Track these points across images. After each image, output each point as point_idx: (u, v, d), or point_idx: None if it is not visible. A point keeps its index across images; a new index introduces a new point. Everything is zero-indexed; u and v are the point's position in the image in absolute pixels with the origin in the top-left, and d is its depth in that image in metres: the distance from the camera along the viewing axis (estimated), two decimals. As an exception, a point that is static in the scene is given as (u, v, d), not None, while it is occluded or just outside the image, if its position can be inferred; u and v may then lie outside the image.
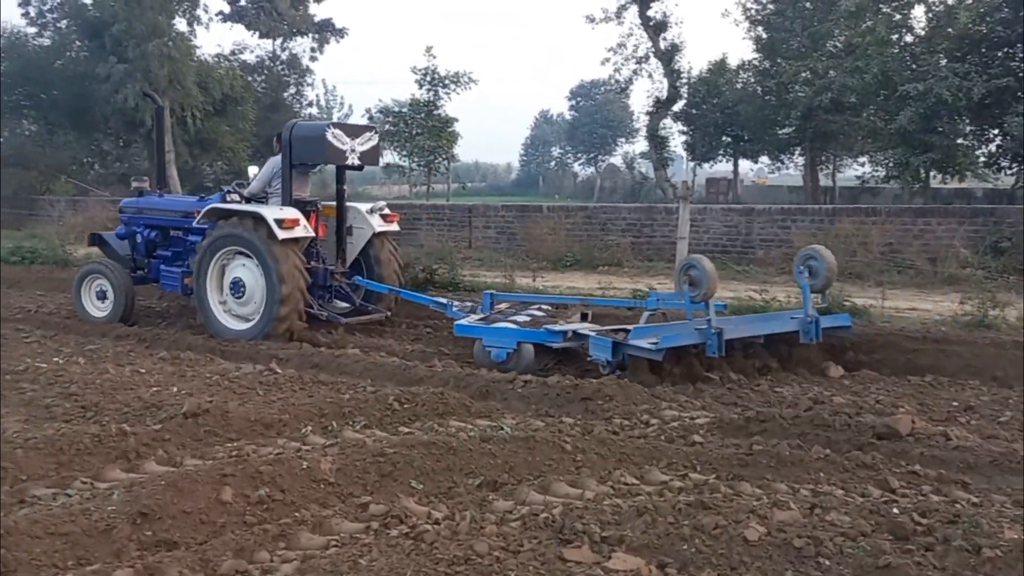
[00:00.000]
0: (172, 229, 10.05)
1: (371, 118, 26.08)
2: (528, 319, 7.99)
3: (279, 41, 32.84)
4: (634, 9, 27.22)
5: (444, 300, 9.22)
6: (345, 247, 9.55)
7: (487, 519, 3.98)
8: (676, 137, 32.71)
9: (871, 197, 28.42)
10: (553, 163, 74.05)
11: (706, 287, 6.92)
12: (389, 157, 29.95)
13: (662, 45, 27.44)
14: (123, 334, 8.98)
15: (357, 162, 9.26)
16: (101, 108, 24.64)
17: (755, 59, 29.40)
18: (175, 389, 6.56)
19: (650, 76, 28.94)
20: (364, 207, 9.66)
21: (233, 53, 30.78)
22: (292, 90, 33.06)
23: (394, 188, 58.28)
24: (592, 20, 27.85)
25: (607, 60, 29.05)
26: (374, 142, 9.45)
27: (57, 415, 5.95)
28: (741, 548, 3.58)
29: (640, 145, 55.58)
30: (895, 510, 4.03)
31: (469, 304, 9.05)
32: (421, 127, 23.69)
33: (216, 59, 27.90)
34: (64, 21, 26.84)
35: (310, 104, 34.81)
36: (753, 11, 28.13)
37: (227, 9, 33.42)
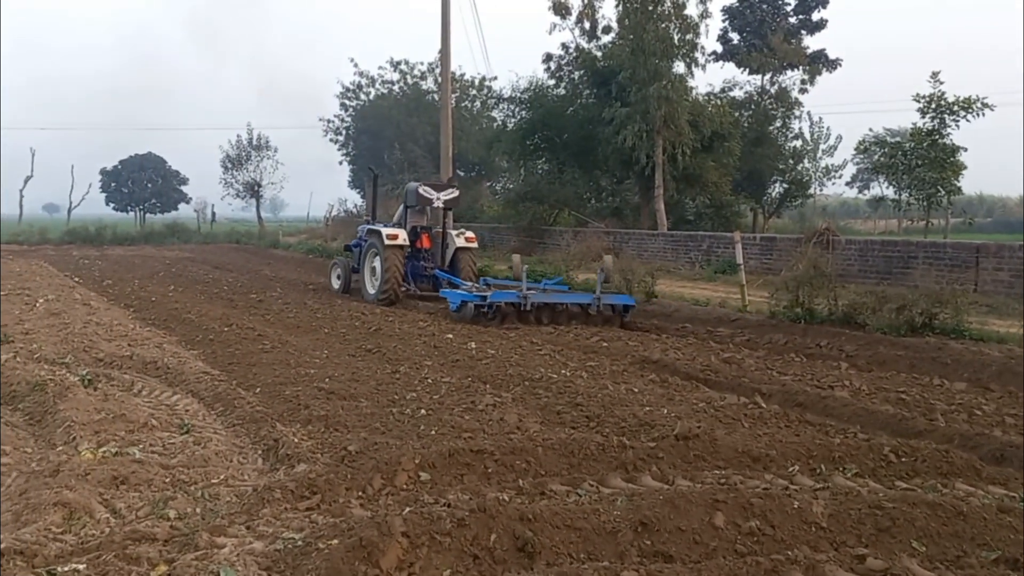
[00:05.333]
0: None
1: (866, 149, 24.74)
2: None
3: (768, 76, 32.97)
4: None
5: (461, 281, 14.38)
6: (444, 255, 15.51)
7: (1010, 602, 3.50)
8: None
9: None
10: (1087, 195, 62.22)
11: (515, 274, 13.83)
12: (877, 189, 27.97)
13: None
14: (618, 355, 9.81)
15: (442, 206, 15.62)
16: (602, 148, 27.24)
17: None
18: (665, 411, 6.95)
19: None
20: (455, 232, 15.48)
21: (723, 90, 31.67)
22: (778, 123, 32.85)
23: (880, 223, 54.39)
24: None
25: None
26: (455, 194, 15.77)
27: (566, 421, 6.74)
28: None
29: None
30: None
31: (475, 285, 13.94)
32: (922, 158, 21.73)
33: (707, 97, 28.95)
34: (578, 73, 30.35)
35: (796, 137, 34.19)
36: None
37: (719, 49, 34.65)
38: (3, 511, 4.68)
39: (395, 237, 14.62)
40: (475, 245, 15.60)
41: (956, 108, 21.44)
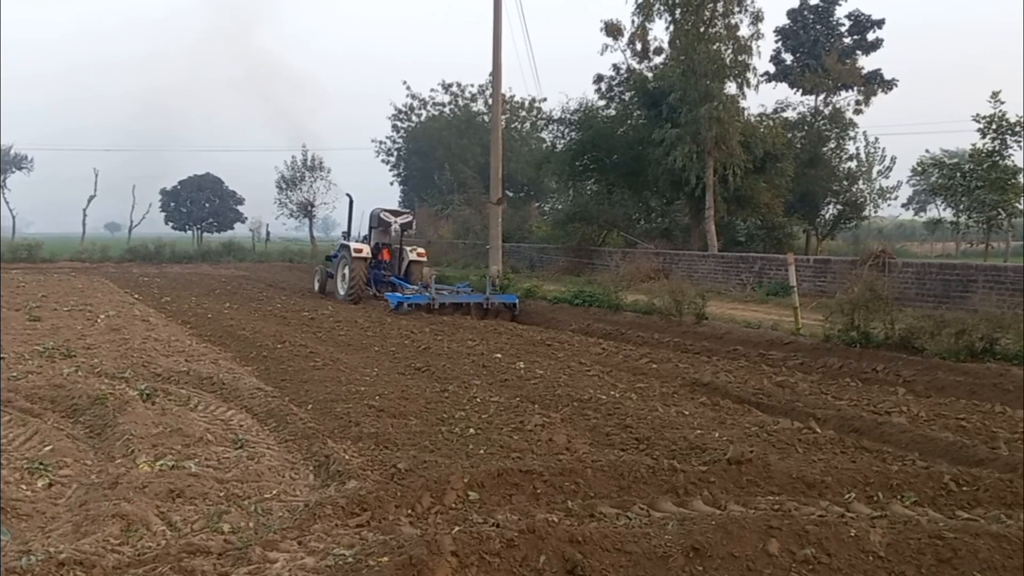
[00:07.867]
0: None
1: (923, 170, 24.19)
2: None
3: (822, 96, 32.54)
4: None
5: (408, 286, 18.26)
6: (400, 265, 19.65)
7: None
8: None
9: None
10: None
11: (424, 282, 17.41)
12: (934, 211, 27.28)
13: None
14: (668, 377, 9.72)
15: (399, 228, 19.68)
16: (652, 169, 27.09)
17: None
18: (716, 434, 6.85)
19: None
20: (409, 248, 19.73)
21: (776, 111, 31.27)
22: (832, 144, 32.35)
23: (937, 245, 52.97)
24: None
25: None
26: (409, 219, 20.26)
27: (615, 443, 6.69)
28: None
29: None
30: None
31: (415, 289, 17.59)
32: (982, 179, 21.18)
33: (759, 118, 28.61)
34: (628, 94, 30.32)
35: (851, 158, 33.62)
36: None
37: (772, 69, 34.32)
38: (64, 522, 4.80)
39: (360, 251, 18.79)
40: (425, 259, 19.92)
41: (1018, 128, 20.91)
